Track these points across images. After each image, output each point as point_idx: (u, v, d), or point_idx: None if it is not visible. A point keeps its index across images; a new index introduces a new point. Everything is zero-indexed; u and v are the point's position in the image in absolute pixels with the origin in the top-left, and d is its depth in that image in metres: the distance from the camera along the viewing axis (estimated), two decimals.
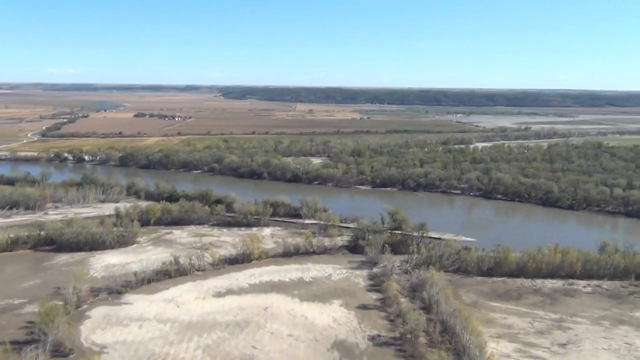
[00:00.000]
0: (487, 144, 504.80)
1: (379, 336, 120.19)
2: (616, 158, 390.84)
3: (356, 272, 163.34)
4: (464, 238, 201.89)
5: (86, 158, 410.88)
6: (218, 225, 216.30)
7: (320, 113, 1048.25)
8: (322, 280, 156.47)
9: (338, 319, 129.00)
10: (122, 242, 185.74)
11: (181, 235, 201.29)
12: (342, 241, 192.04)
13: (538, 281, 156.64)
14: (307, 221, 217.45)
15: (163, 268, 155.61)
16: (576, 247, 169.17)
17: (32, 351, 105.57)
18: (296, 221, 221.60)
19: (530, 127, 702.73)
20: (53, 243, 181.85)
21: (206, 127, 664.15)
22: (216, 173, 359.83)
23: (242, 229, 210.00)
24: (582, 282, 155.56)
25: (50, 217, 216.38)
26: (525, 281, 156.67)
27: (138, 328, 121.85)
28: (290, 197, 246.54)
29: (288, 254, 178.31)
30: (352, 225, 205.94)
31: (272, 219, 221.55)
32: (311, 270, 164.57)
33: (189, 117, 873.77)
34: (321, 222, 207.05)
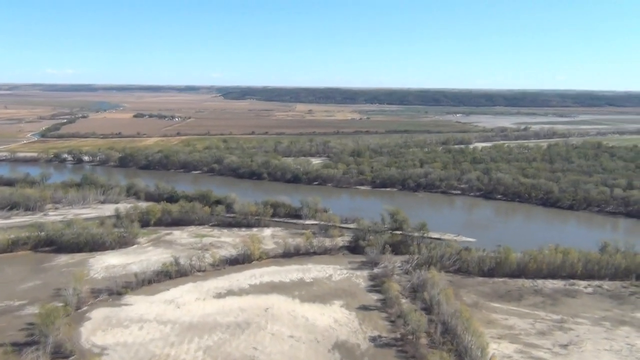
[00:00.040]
0: (487, 144, 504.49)
1: (380, 337, 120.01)
2: (616, 158, 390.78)
3: (357, 273, 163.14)
4: (465, 238, 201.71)
5: (85, 159, 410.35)
6: (218, 225, 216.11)
7: (319, 113, 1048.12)
8: (323, 280, 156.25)
9: (339, 320, 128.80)
10: (122, 243, 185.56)
11: (181, 236, 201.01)
12: (343, 242, 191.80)
13: (539, 282, 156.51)
14: (308, 222, 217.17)
15: (163, 269, 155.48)
16: (577, 248, 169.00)
17: (33, 353, 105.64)
18: (296, 222, 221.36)
19: (529, 127, 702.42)
20: (53, 244, 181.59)
21: (205, 128, 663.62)
22: (216, 173, 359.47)
23: (243, 230, 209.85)
24: (583, 283, 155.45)
25: (50, 218, 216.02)
26: (526, 282, 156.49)
27: (138, 329, 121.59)
28: (290, 198, 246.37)
29: (288, 255, 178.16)
30: (353, 225, 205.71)
31: (273, 220, 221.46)
32: (312, 270, 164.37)
33: (188, 118, 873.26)
34: (321, 223, 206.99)
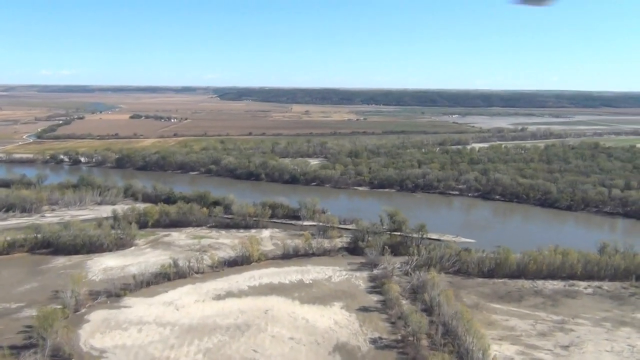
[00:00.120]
0: (484, 145, 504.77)
1: (381, 339, 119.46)
2: (613, 159, 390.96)
3: (356, 274, 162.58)
4: (464, 239, 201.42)
5: (82, 160, 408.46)
6: (216, 227, 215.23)
7: (316, 114, 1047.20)
8: (322, 282, 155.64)
9: (339, 322, 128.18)
10: (120, 245, 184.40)
11: (179, 237, 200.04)
12: (342, 243, 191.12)
13: (539, 282, 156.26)
14: (306, 223, 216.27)
15: (162, 271, 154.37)
16: (576, 248, 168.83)
17: (31, 356, 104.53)
18: (295, 223, 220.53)
19: (526, 128, 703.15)
20: (50, 246, 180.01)
21: (202, 129, 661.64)
22: (213, 174, 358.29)
23: (241, 231, 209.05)
24: (583, 284, 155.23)
25: (46, 220, 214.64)
26: (526, 282, 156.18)
27: (138, 332, 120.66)
28: (288, 199, 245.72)
29: (287, 256, 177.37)
30: (352, 226, 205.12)
31: (271, 221, 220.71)
32: (311, 272, 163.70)
33: (185, 119, 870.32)
34: (320, 224, 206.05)
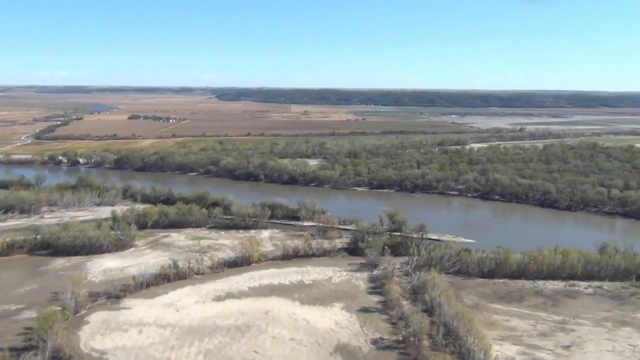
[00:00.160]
0: (483, 145, 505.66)
1: (382, 339, 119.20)
2: (612, 159, 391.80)
3: (356, 275, 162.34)
4: (463, 239, 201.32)
5: (81, 161, 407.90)
6: (216, 228, 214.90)
7: (315, 114, 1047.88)
8: (323, 283, 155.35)
9: (340, 323, 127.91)
10: (120, 246, 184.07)
11: (179, 238, 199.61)
12: (342, 243, 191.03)
13: (539, 282, 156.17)
14: (306, 223, 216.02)
15: (162, 272, 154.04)
16: (576, 248, 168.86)
17: (31, 358, 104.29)
18: (294, 223, 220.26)
19: (525, 128, 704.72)
20: (49, 247, 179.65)
21: (201, 129, 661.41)
22: (212, 175, 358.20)
23: (240, 232, 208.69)
24: (583, 284, 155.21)
25: (45, 221, 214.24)
26: (526, 283, 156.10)
27: (138, 333, 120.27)
28: (287, 199, 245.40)
29: (287, 257, 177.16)
30: (351, 227, 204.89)
31: (270, 222, 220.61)
32: (311, 272, 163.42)
33: (184, 119, 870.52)
34: (320, 224, 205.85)
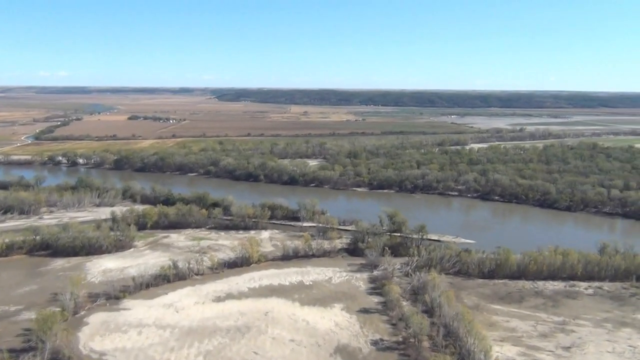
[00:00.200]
0: (483, 145, 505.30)
1: (382, 340, 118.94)
2: (612, 159, 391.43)
3: (356, 275, 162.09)
4: (463, 240, 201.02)
5: (80, 161, 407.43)
6: (215, 228, 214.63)
7: (314, 115, 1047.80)
8: (323, 283, 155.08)
9: (340, 324, 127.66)
10: (119, 247, 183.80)
11: (178, 239, 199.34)
12: (342, 244, 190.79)
13: (539, 283, 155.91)
14: (306, 224, 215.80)
15: (161, 272, 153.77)
16: (576, 249, 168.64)
17: (30, 359, 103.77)
18: (294, 224, 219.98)
19: (524, 128, 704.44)
20: (49, 248, 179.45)
21: (201, 130, 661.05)
22: (212, 176, 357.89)
23: (240, 232, 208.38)
24: (584, 284, 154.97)
25: (45, 222, 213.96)
26: (526, 283, 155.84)
27: (137, 334, 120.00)
28: (287, 200, 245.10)
29: (287, 257, 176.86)
30: (351, 227, 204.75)
31: (270, 222, 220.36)
32: (311, 273, 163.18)
33: (183, 120, 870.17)
34: (320, 225, 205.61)
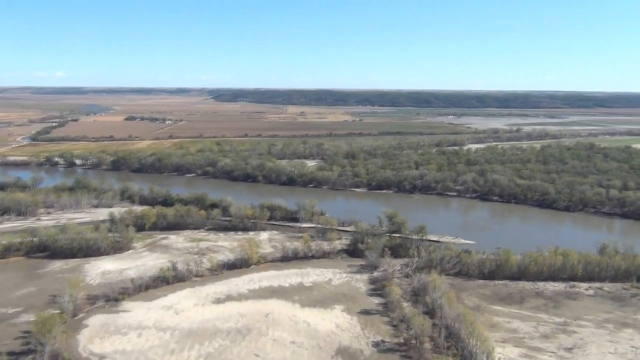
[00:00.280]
0: (480, 146, 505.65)
1: (383, 342, 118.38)
2: (609, 159, 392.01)
3: (356, 277, 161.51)
4: (463, 240, 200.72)
5: (77, 162, 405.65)
6: (214, 229, 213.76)
7: (311, 115, 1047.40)
8: (323, 285, 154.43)
9: (341, 325, 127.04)
10: (118, 248, 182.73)
11: (177, 240, 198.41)
12: (341, 245, 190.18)
13: (540, 284, 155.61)
14: (305, 225, 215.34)
15: (160, 274, 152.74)
16: (575, 249, 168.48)
17: None
18: (293, 225, 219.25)
19: (521, 129, 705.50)
20: (46, 250, 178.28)
21: (198, 130, 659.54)
22: (210, 176, 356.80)
23: (239, 234, 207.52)
24: (584, 285, 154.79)
25: (42, 223, 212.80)
26: (527, 284, 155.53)
27: (137, 336, 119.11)
28: (286, 201, 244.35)
29: (287, 259, 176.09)
30: (351, 228, 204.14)
31: (269, 223, 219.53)
32: (311, 274, 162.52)
33: (180, 120, 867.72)
34: (319, 226, 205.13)
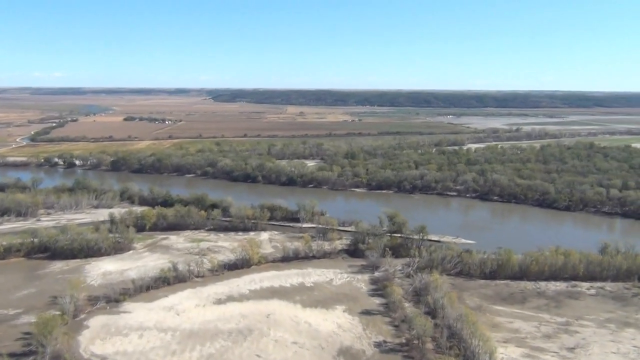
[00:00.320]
0: (480, 145, 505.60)
1: (385, 342, 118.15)
2: (609, 159, 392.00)
3: (357, 277, 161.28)
4: (463, 240, 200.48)
5: (77, 163, 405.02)
6: (215, 230, 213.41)
7: (311, 115, 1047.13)
8: (324, 285, 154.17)
9: (342, 325, 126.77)
10: (118, 249, 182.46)
11: (178, 240, 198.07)
12: (342, 245, 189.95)
13: (541, 284, 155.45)
14: (305, 225, 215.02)
15: (161, 275, 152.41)
16: (576, 249, 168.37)
17: None
18: (294, 225, 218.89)
19: (521, 128, 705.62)
20: (47, 250, 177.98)
21: (197, 131, 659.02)
22: (209, 177, 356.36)
23: (240, 234, 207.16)
24: (586, 284, 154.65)
25: (42, 224, 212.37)
26: (528, 284, 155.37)
27: (138, 338, 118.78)
28: (286, 201, 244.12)
29: (287, 259, 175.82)
30: (351, 228, 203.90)
31: (269, 223, 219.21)
32: (312, 275, 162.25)
33: (180, 121, 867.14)
34: (319, 226, 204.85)
